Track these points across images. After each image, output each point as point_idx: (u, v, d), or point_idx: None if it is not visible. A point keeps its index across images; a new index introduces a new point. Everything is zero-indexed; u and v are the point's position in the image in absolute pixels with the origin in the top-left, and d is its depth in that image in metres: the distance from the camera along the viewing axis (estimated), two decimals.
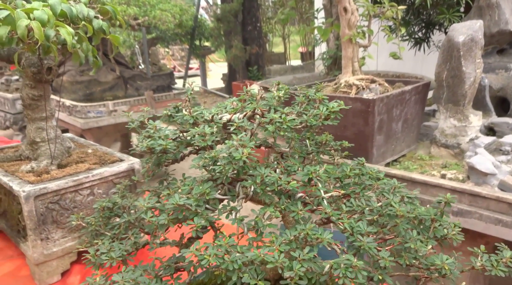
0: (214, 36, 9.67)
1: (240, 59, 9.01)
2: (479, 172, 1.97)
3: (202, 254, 0.45)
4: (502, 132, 2.67)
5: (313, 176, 0.52)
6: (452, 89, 2.47)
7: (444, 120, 2.54)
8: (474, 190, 1.85)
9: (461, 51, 2.38)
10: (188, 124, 0.62)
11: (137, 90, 5.37)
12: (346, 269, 0.43)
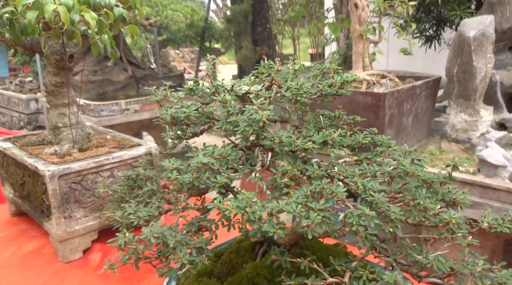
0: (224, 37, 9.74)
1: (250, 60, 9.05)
2: (489, 164, 1.98)
3: (225, 206, 0.48)
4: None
5: (328, 138, 0.55)
6: (463, 84, 2.48)
7: (454, 115, 2.55)
8: (484, 182, 1.86)
9: (472, 46, 2.39)
10: (208, 97, 0.66)
11: None
12: (359, 218, 0.46)
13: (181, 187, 0.56)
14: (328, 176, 0.54)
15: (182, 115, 0.61)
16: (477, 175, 2.05)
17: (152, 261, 0.56)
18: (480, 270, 0.50)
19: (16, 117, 7.36)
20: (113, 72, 5.26)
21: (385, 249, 0.57)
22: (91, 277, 0.99)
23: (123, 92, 5.28)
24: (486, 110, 2.47)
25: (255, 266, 0.67)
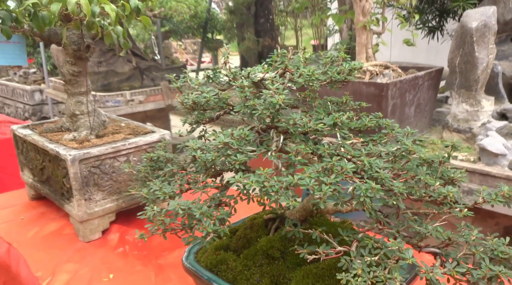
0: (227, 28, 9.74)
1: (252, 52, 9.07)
2: (490, 153, 2.03)
3: (246, 181, 0.54)
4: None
5: (337, 121, 0.61)
6: (464, 74, 2.52)
7: (456, 105, 2.59)
8: (484, 170, 1.92)
9: (474, 36, 2.43)
10: (225, 84, 0.71)
11: (152, 81, 5.48)
12: (366, 190, 0.51)
13: (204, 165, 0.62)
14: (337, 155, 0.59)
15: (203, 100, 0.66)
16: (478, 164, 2.10)
17: (178, 232, 0.61)
18: (474, 238, 0.56)
19: (20, 108, 7.43)
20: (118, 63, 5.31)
21: (388, 223, 0.63)
22: (111, 255, 1.05)
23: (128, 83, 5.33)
24: (487, 101, 2.52)
25: (268, 240, 0.73)
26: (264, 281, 0.67)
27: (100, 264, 1.01)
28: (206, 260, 0.75)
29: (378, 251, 0.56)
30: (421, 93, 2.54)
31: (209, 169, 0.73)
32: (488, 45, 2.45)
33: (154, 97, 5.06)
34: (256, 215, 0.84)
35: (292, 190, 0.53)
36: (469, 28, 2.41)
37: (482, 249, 0.55)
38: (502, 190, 0.60)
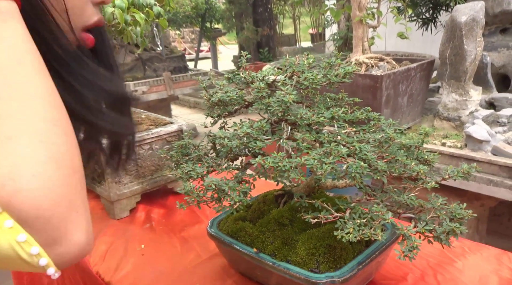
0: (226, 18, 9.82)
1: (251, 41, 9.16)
2: (475, 139, 2.20)
3: (264, 161, 0.70)
4: (501, 106, 2.88)
5: (334, 115, 0.77)
6: (454, 66, 2.68)
7: (446, 95, 2.76)
8: (469, 155, 2.09)
9: (463, 30, 2.58)
10: (243, 84, 0.87)
11: (155, 71, 5.62)
12: (356, 168, 0.68)
13: (229, 150, 0.78)
14: (335, 141, 0.76)
15: (227, 98, 0.82)
16: (464, 149, 2.27)
17: (209, 203, 0.78)
18: (439, 204, 0.73)
19: None
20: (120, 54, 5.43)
21: (374, 195, 0.79)
22: (139, 230, 1.22)
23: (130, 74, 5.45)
24: (475, 90, 2.68)
25: (279, 211, 0.89)
26: (276, 242, 0.84)
27: (132, 237, 1.17)
28: (227, 229, 0.92)
29: (366, 215, 0.72)
30: (414, 83, 2.70)
31: (229, 154, 0.90)
32: (476, 38, 2.60)
33: (157, 87, 5.19)
34: (267, 192, 1.00)
35: (300, 169, 0.70)
36: (458, 22, 2.56)
37: (444, 212, 0.71)
38: (462, 167, 0.77)
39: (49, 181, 0.42)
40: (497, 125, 2.59)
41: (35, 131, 0.43)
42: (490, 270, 0.93)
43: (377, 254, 0.81)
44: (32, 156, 0.42)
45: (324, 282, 0.74)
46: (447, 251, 1.00)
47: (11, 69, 0.44)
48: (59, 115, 0.46)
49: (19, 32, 0.47)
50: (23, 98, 0.44)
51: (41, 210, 0.41)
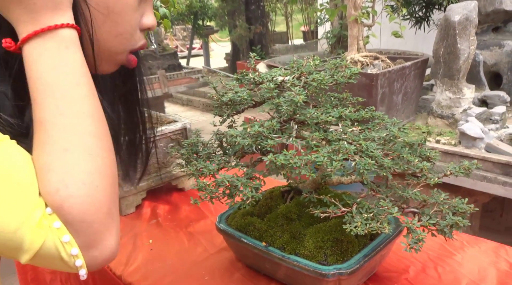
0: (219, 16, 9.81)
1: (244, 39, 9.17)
2: (469, 136, 2.25)
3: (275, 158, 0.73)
4: (493, 104, 2.94)
5: (342, 114, 0.80)
6: (448, 64, 2.73)
7: (440, 93, 2.81)
8: (463, 152, 2.14)
9: (457, 29, 2.63)
10: (252, 84, 0.90)
11: (149, 69, 5.62)
12: (364, 165, 0.71)
13: (242, 148, 0.81)
14: (342, 139, 0.79)
15: (238, 98, 0.85)
16: (458, 146, 2.32)
17: (221, 199, 0.81)
18: (442, 199, 0.76)
19: None
20: None
21: (379, 190, 0.83)
22: (145, 225, 1.25)
23: None
24: (468, 88, 2.73)
25: (286, 206, 0.93)
26: (284, 236, 0.87)
27: (140, 232, 1.20)
28: (235, 224, 0.95)
29: (372, 210, 0.76)
30: (408, 82, 2.75)
31: (238, 152, 0.93)
32: (469, 37, 2.66)
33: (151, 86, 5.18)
34: (273, 189, 1.03)
35: (311, 165, 0.73)
36: (452, 22, 2.61)
37: (447, 207, 0.75)
38: (463, 164, 0.80)
39: (95, 190, 0.48)
40: (490, 122, 2.64)
41: (85, 145, 0.50)
42: (488, 263, 0.97)
43: (382, 247, 0.85)
44: (83, 167, 0.49)
45: (333, 273, 0.78)
46: (446, 245, 1.04)
47: (70, 90, 0.51)
48: (103, 131, 0.53)
49: (78, 57, 0.53)
50: (77, 115, 0.50)
51: (86, 214, 0.47)
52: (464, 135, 2.27)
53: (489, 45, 3.32)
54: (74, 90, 0.51)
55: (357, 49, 2.81)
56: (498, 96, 2.95)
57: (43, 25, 0.51)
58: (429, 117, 2.89)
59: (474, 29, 2.67)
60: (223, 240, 1.05)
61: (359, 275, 0.84)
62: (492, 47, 3.31)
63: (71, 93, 0.51)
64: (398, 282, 0.92)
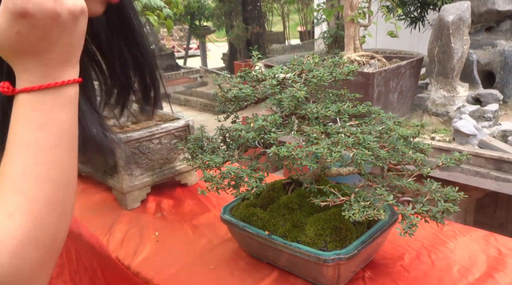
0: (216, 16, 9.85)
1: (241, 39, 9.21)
2: (462, 133, 2.31)
3: (279, 150, 0.78)
4: (487, 102, 3.01)
5: (341, 109, 0.85)
6: (442, 63, 2.79)
7: (435, 92, 2.87)
8: (457, 148, 2.20)
9: (451, 29, 2.69)
10: (255, 81, 0.95)
11: None
12: (362, 155, 0.76)
13: (246, 142, 0.86)
14: (341, 133, 0.84)
15: (242, 94, 0.90)
16: (452, 143, 2.38)
17: (226, 190, 0.86)
18: (434, 188, 0.82)
19: None
20: None
21: (376, 181, 0.88)
22: (151, 219, 1.29)
23: None
24: (462, 87, 2.80)
25: (288, 197, 0.98)
26: (286, 225, 0.92)
27: (145, 225, 1.25)
28: (239, 215, 1.00)
29: (369, 199, 0.81)
30: (403, 81, 2.81)
31: (240, 146, 0.98)
32: (463, 37, 2.72)
33: None
34: (275, 181, 1.08)
35: (311, 156, 0.78)
36: (446, 22, 2.67)
37: (439, 195, 0.80)
38: (454, 155, 0.86)
39: (21, 261, 0.47)
40: (483, 120, 2.71)
41: (34, 213, 0.48)
42: (478, 250, 1.02)
43: (378, 234, 0.90)
44: (19, 236, 0.46)
45: (332, 258, 0.83)
46: (439, 234, 1.10)
47: (45, 152, 0.49)
48: (64, 197, 0.51)
49: (69, 116, 0.52)
50: (38, 179, 0.48)
51: (3, 279, 0.46)
52: (458, 132, 2.33)
53: (483, 44, 3.39)
54: (49, 152, 0.49)
55: (353, 48, 2.86)
56: (491, 94, 3.01)
57: (51, 80, 0.49)
58: (424, 115, 2.95)
59: (467, 29, 2.73)
60: (227, 232, 1.10)
61: (357, 260, 0.89)
62: (485, 47, 3.38)
63: (44, 155, 0.49)
64: (394, 268, 0.97)
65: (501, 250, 1.01)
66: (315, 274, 0.89)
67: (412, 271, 0.96)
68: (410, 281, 0.92)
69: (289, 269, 0.96)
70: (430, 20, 4.00)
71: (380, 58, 2.81)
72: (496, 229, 3.30)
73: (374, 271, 0.96)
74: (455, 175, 2.21)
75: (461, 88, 2.77)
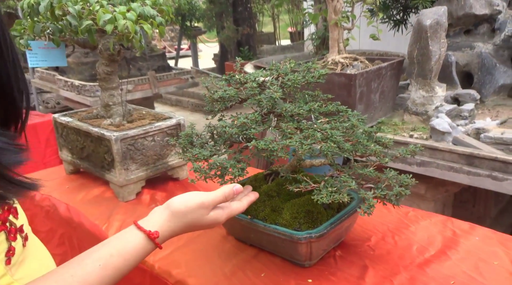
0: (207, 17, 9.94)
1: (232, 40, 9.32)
2: (438, 131, 2.46)
3: (257, 144, 0.91)
4: (464, 101, 3.16)
5: (312, 108, 0.98)
6: (421, 65, 2.94)
7: (415, 92, 3.01)
8: (433, 145, 2.34)
9: (428, 33, 2.84)
10: (238, 84, 1.08)
11: (139, 70, 5.75)
12: (328, 147, 0.89)
13: (230, 136, 0.99)
14: (312, 128, 0.97)
15: (226, 95, 1.03)
16: (429, 140, 2.53)
17: (213, 179, 0.98)
18: (391, 175, 0.95)
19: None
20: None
21: (343, 170, 1.01)
22: (146, 209, 1.41)
23: None
24: (440, 87, 2.94)
25: (268, 186, 1.10)
26: (266, 210, 1.05)
27: (141, 215, 1.35)
28: None
29: (336, 185, 0.94)
30: (385, 81, 2.95)
31: (226, 141, 1.10)
32: (440, 40, 2.87)
33: (142, 86, 5.33)
34: (257, 174, 1.21)
35: (286, 149, 0.91)
36: (424, 25, 2.82)
37: (395, 181, 0.94)
38: (409, 147, 0.99)
39: None
40: (460, 118, 2.86)
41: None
42: (436, 232, 1.16)
43: (345, 217, 1.03)
44: None
45: (305, 237, 0.96)
46: (404, 218, 1.23)
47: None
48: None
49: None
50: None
51: None
52: (434, 130, 2.48)
53: (461, 46, 3.55)
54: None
55: (338, 50, 3.00)
56: (468, 94, 3.17)
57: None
58: (405, 114, 3.10)
59: (444, 32, 2.88)
60: None
61: (327, 239, 1.02)
62: (464, 49, 3.54)
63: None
64: (361, 248, 1.11)
65: (455, 231, 1.15)
66: (291, 252, 1.02)
67: (377, 250, 1.09)
68: (374, 258, 1.06)
69: (269, 249, 1.09)
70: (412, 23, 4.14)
71: (363, 60, 2.95)
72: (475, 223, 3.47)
73: (344, 250, 1.10)
74: (431, 169, 2.36)
75: (439, 88, 2.92)
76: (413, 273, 0.99)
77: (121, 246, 0.71)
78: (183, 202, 0.80)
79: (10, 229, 0.67)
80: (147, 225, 0.76)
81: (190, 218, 0.79)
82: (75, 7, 1.27)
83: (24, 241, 0.72)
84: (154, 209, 0.83)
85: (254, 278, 1.01)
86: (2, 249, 0.64)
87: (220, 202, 0.83)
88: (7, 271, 0.64)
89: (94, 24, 1.28)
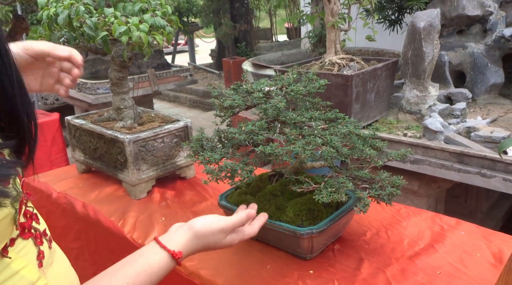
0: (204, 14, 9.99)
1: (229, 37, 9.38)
2: (430, 130, 2.57)
3: (264, 149, 1.01)
4: (457, 100, 3.27)
5: (313, 116, 1.08)
6: (415, 65, 3.05)
7: (409, 91, 3.13)
8: (425, 144, 2.46)
9: (422, 34, 2.94)
10: (245, 93, 1.18)
11: (139, 68, 5.82)
12: (328, 152, 1.00)
13: (239, 142, 1.09)
14: (313, 134, 1.08)
15: (235, 104, 1.13)
16: (422, 139, 2.64)
17: (224, 180, 1.09)
18: (384, 177, 1.06)
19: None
20: None
21: (341, 172, 1.12)
22: (156, 207, 1.52)
23: None
24: (433, 87, 3.05)
25: (272, 186, 1.21)
26: (271, 208, 1.15)
27: (153, 212, 1.47)
28: (233, 201, 1.23)
29: (335, 186, 1.05)
30: (380, 81, 3.05)
31: (235, 145, 1.20)
32: (433, 41, 2.97)
33: (142, 84, 5.40)
34: (262, 174, 1.32)
35: (290, 154, 1.02)
36: (417, 27, 2.92)
37: (387, 182, 1.04)
38: (401, 151, 1.10)
39: None
40: (452, 117, 2.97)
41: None
42: (426, 227, 1.27)
43: (343, 215, 1.14)
44: None
45: (307, 232, 1.07)
46: (396, 215, 1.34)
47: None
48: None
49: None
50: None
51: None
52: (426, 129, 2.59)
53: (454, 46, 3.65)
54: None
55: (334, 51, 3.10)
56: (461, 93, 3.28)
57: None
58: (400, 113, 3.21)
59: (437, 34, 2.99)
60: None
61: (327, 235, 1.13)
62: (457, 49, 3.64)
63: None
64: (357, 242, 1.22)
65: (443, 226, 1.26)
66: (294, 246, 1.13)
67: (371, 244, 1.20)
68: (369, 251, 1.17)
69: (274, 244, 1.20)
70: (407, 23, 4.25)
71: (359, 61, 3.05)
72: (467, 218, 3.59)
73: (341, 244, 1.21)
74: (424, 167, 2.47)
75: (432, 88, 3.03)
76: (404, 265, 1.10)
77: (147, 265, 0.78)
78: (205, 225, 0.86)
79: (36, 235, 0.71)
80: (170, 245, 0.82)
81: (209, 241, 0.86)
82: (92, 19, 1.36)
83: (49, 243, 0.76)
84: (175, 226, 0.91)
85: (261, 270, 1.12)
86: (33, 254, 0.69)
87: (238, 227, 0.93)
88: (42, 274, 0.68)
89: (109, 34, 1.37)
